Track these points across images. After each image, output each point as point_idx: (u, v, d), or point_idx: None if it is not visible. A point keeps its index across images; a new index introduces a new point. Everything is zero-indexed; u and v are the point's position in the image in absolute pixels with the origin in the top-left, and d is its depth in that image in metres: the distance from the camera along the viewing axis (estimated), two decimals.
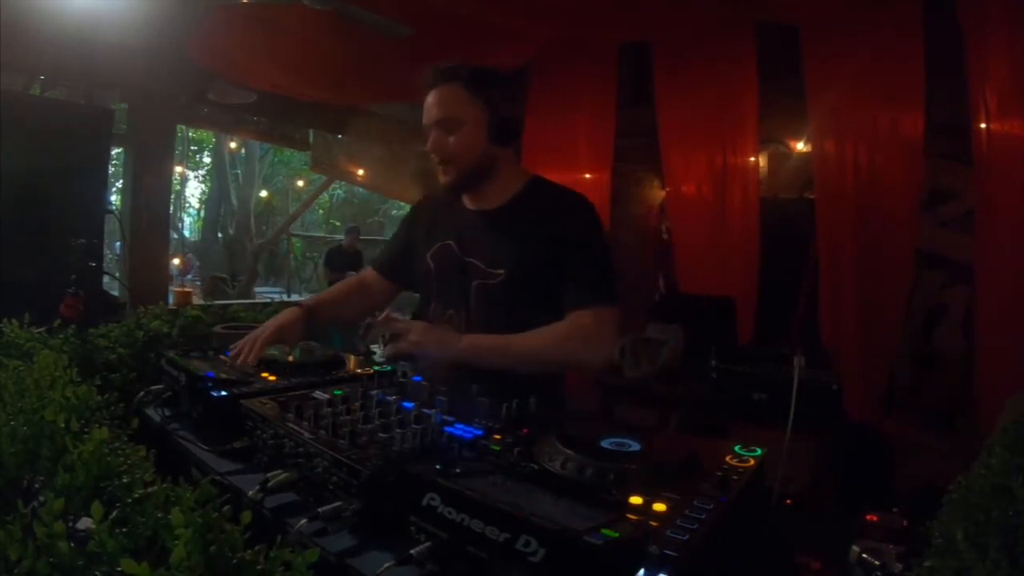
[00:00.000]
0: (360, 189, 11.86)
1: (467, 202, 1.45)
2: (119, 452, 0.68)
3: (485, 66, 1.39)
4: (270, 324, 1.36)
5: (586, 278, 1.32)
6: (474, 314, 1.39)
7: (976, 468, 0.66)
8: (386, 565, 0.63)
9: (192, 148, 14.83)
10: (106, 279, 3.28)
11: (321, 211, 17.13)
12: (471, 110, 1.34)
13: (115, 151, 4.26)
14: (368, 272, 1.69)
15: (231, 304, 2.99)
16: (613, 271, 1.37)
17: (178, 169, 12.93)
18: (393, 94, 4.37)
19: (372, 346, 1.29)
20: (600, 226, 1.41)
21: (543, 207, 1.39)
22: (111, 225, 3.50)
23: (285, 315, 1.41)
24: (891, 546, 0.82)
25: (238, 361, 1.25)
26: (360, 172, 6.65)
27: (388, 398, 1.01)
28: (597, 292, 1.32)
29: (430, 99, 1.37)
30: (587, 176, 4.13)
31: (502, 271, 1.35)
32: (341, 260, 7.04)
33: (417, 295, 1.59)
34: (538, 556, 0.58)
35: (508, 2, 3.14)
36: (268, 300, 6.18)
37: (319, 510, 0.73)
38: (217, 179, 13.53)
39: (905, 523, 0.92)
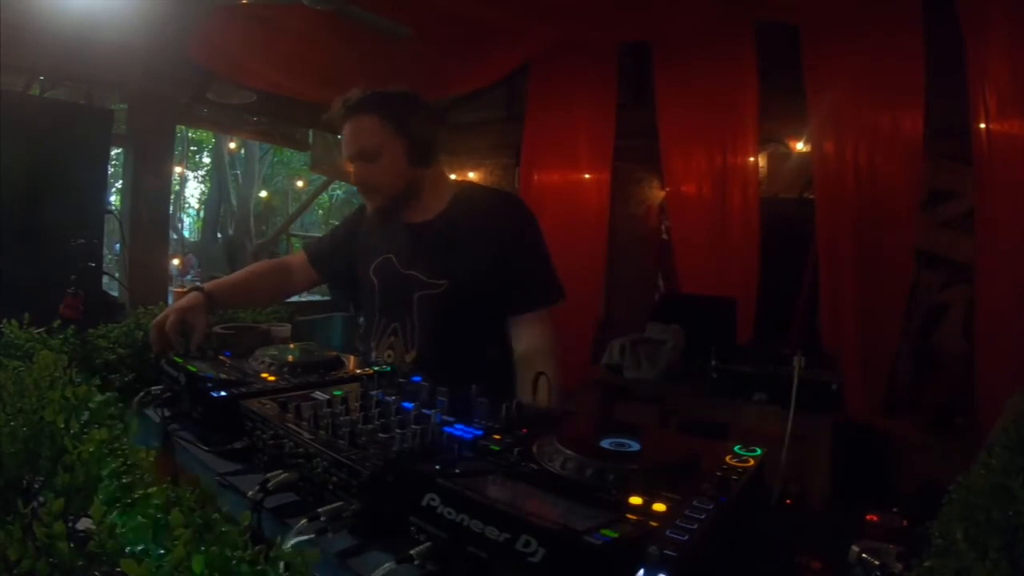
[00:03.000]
0: None
1: (392, 221, 1.47)
2: (119, 452, 0.68)
3: (396, 92, 1.41)
4: (171, 311, 1.35)
5: (530, 282, 1.40)
6: (418, 324, 1.41)
7: (976, 468, 0.66)
8: (386, 565, 0.63)
9: (192, 148, 14.83)
10: (106, 279, 3.28)
11: (321, 211, 17.12)
12: (387, 139, 1.36)
13: (115, 151, 4.25)
14: (298, 256, 1.69)
15: None
16: (551, 266, 1.43)
17: (178, 169, 12.94)
18: None
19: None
20: (533, 224, 1.45)
21: (477, 213, 1.42)
22: (111, 225, 3.49)
23: (187, 300, 1.40)
24: (891, 546, 0.82)
25: (155, 352, 1.28)
26: None
27: (388, 398, 1.01)
28: (542, 295, 1.40)
29: (346, 132, 1.38)
30: (587, 176, 4.13)
31: (444, 281, 1.38)
32: None
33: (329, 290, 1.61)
34: (538, 556, 0.58)
35: (508, 2, 3.14)
36: None
37: (319, 510, 0.73)
38: (217, 179, 13.51)
39: (905, 523, 0.92)
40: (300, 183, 14.37)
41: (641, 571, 0.54)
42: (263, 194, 14.00)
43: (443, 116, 4.24)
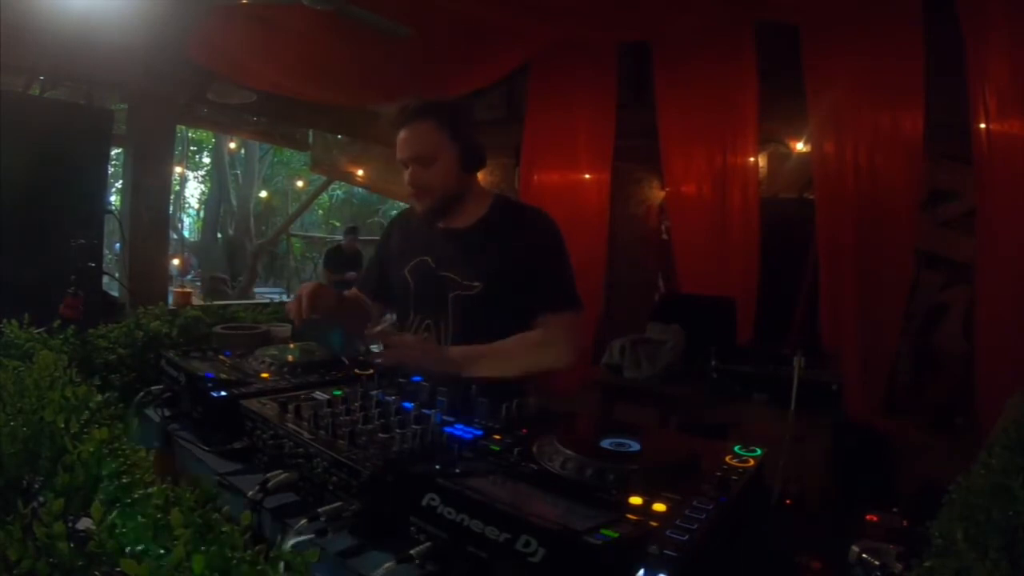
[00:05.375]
0: (360, 189, 11.87)
1: (439, 222, 1.56)
2: (119, 452, 0.68)
3: (451, 101, 1.54)
4: (306, 285, 1.45)
5: (549, 288, 1.47)
6: (451, 323, 1.49)
7: (976, 468, 0.66)
8: (386, 565, 0.63)
9: (192, 148, 14.82)
10: (106, 279, 3.28)
11: (321, 211, 17.11)
12: (442, 145, 1.46)
13: (115, 151, 4.26)
14: (356, 291, 1.78)
15: (231, 304, 2.99)
16: (572, 277, 1.51)
17: (178, 169, 12.93)
18: (394, 94, 4.37)
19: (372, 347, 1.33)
20: (559, 238, 1.54)
21: (510, 224, 1.53)
22: (111, 225, 3.49)
23: (315, 283, 1.51)
24: (891, 546, 0.82)
25: (295, 319, 1.37)
26: (360, 172, 6.65)
27: (388, 398, 1.01)
28: (559, 300, 1.46)
29: (403, 135, 1.48)
30: (587, 176, 4.13)
31: (479, 283, 1.46)
32: (340, 261, 7.04)
33: None
34: (538, 556, 0.58)
35: (508, 2, 3.14)
36: (268, 300, 6.18)
37: (319, 510, 0.73)
38: (217, 179, 13.52)
39: (905, 523, 0.92)
40: (300, 183, 14.37)
41: (641, 571, 0.54)
42: (263, 194, 14.01)
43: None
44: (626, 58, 4.00)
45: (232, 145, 12.28)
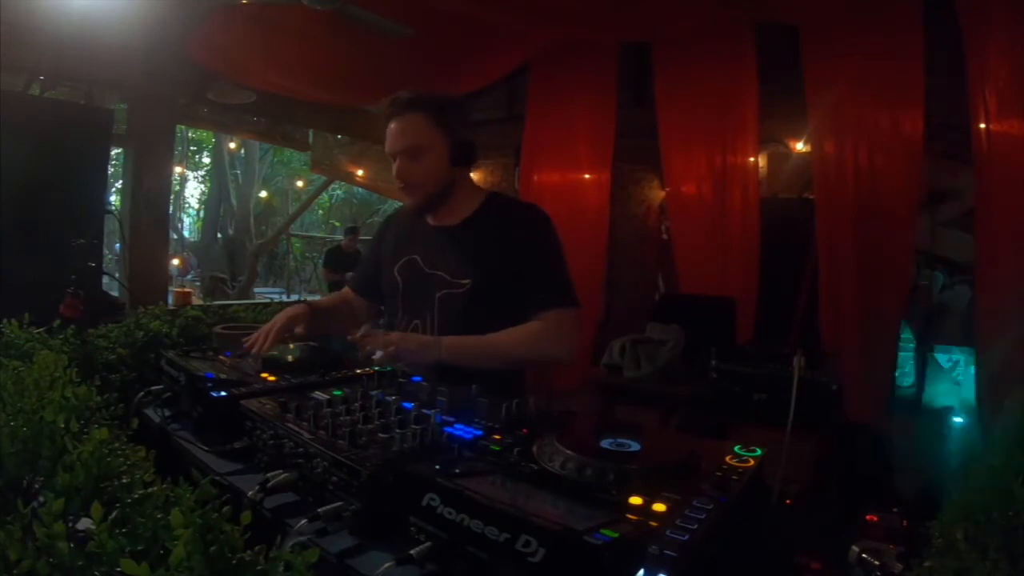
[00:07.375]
0: (360, 189, 11.87)
1: (429, 219, 1.53)
2: (119, 452, 0.68)
3: (443, 94, 1.49)
4: (280, 316, 1.41)
5: (546, 283, 1.43)
6: (439, 322, 1.46)
7: (976, 468, 0.66)
8: (386, 565, 0.63)
9: (192, 148, 14.82)
10: (106, 279, 3.28)
11: (321, 211, 17.12)
12: (433, 138, 1.42)
13: (115, 151, 4.25)
14: (346, 290, 1.76)
15: (231, 304, 3.00)
16: (568, 274, 1.47)
17: (178, 169, 12.93)
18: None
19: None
20: (554, 233, 1.50)
21: (501, 220, 1.49)
22: (111, 225, 3.50)
23: (294, 308, 1.47)
24: (891, 546, 0.82)
25: (253, 351, 1.29)
26: (360, 172, 6.66)
27: (388, 398, 1.01)
28: (557, 295, 1.42)
29: (393, 127, 1.44)
30: (587, 176, 4.14)
31: (468, 281, 1.43)
32: (340, 261, 7.03)
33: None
34: (538, 556, 0.58)
35: (508, 2, 3.14)
36: (268, 300, 6.18)
37: (319, 510, 0.73)
38: (217, 179, 13.51)
39: (905, 523, 0.92)
40: (300, 183, 14.37)
41: (641, 571, 0.54)
42: (263, 194, 14.01)
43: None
44: (626, 58, 4.00)
45: (232, 145, 12.27)
